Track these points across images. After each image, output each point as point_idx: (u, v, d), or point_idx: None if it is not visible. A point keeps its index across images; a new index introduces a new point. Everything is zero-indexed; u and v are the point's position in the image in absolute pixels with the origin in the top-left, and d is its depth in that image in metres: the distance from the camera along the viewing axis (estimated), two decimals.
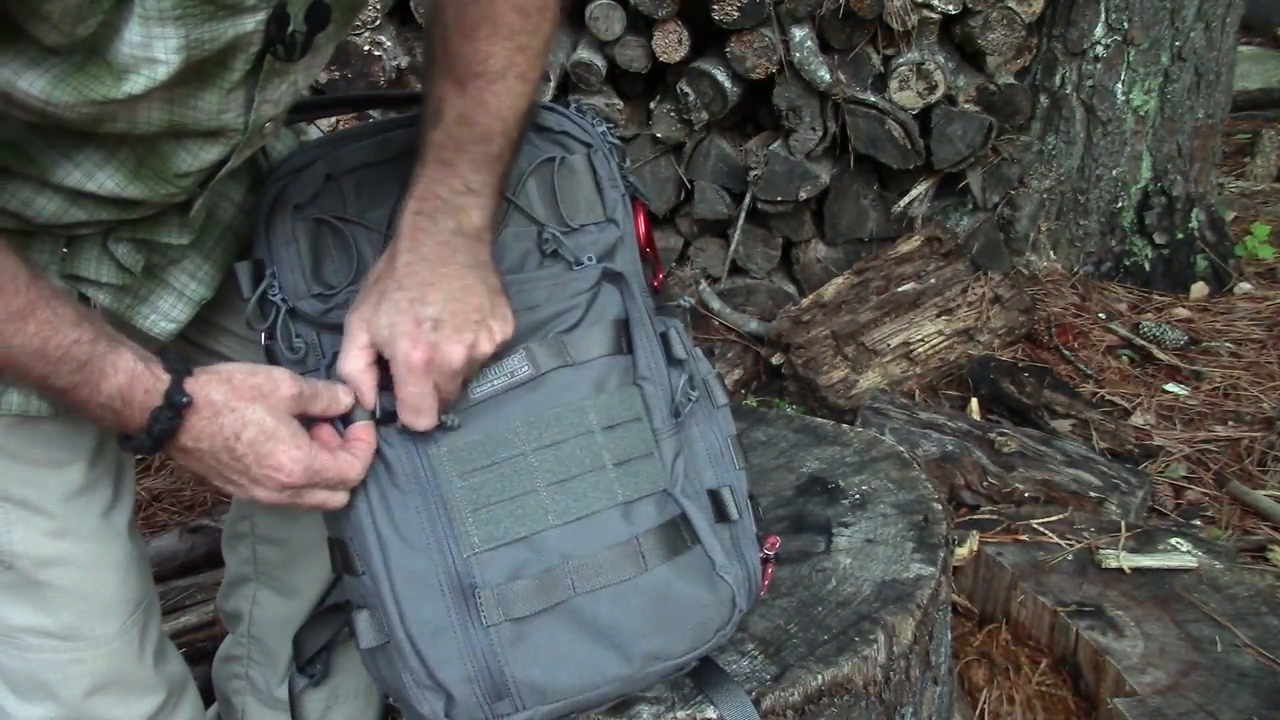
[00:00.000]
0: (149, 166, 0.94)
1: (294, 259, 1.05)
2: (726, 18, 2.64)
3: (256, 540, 1.36)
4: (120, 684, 1.16)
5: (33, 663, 1.12)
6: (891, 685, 1.15)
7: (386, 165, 1.08)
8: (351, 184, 1.07)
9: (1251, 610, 1.71)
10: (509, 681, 0.96)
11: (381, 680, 1.03)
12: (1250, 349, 2.91)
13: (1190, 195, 3.23)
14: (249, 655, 1.41)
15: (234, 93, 0.91)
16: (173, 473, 2.52)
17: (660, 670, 1.01)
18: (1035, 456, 2.27)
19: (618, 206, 1.11)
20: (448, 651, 0.96)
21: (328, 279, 1.05)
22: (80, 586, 1.10)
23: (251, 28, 0.85)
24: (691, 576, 1.01)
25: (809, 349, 2.70)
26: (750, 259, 3.04)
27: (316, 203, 1.06)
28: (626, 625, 0.98)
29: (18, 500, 1.05)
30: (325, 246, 1.06)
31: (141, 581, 1.17)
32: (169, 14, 0.78)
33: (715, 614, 1.02)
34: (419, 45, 2.72)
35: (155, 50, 0.80)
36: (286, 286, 1.04)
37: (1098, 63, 3.10)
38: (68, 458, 1.07)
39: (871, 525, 1.34)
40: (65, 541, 1.08)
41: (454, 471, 0.98)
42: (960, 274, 2.85)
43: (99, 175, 0.92)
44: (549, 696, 0.97)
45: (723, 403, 1.13)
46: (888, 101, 2.79)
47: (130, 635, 1.15)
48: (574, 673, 0.97)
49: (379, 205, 1.06)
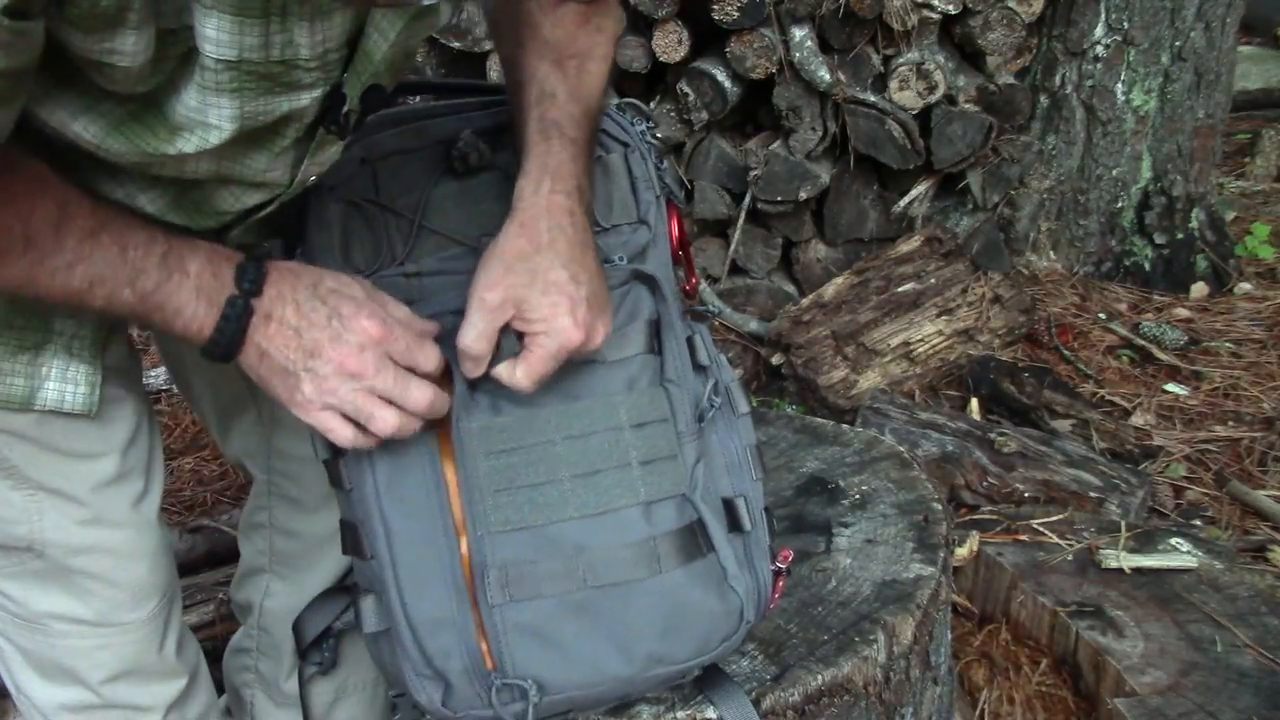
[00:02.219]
0: (190, 199, 0.95)
1: (327, 241, 1.04)
2: (726, 18, 2.64)
3: (273, 531, 1.36)
4: (144, 670, 1.18)
5: (60, 649, 1.14)
6: (891, 685, 1.15)
7: (421, 152, 1.08)
8: (386, 169, 1.07)
9: (1251, 610, 1.71)
10: (508, 671, 0.95)
11: (383, 666, 1.03)
12: (1250, 349, 2.91)
13: (1190, 195, 3.23)
14: (258, 648, 1.42)
15: (283, 156, 0.93)
16: (173, 473, 2.52)
17: (661, 675, 1.00)
18: (1035, 456, 2.27)
19: (651, 208, 1.10)
20: (448, 643, 0.96)
21: (355, 263, 1.04)
22: (112, 574, 1.12)
23: (307, 103, 0.87)
24: (703, 584, 1.00)
25: (809, 349, 2.70)
26: (750, 259, 3.04)
27: (349, 184, 1.06)
28: (633, 625, 0.98)
29: (50, 489, 1.07)
30: (354, 230, 1.05)
31: (168, 568, 1.19)
32: (225, 86, 0.80)
33: (723, 624, 1.01)
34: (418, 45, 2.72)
35: (210, 116, 0.82)
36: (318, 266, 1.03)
37: (1098, 63, 3.10)
38: (100, 449, 1.08)
39: (871, 525, 1.34)
40: (97, 529, 1.09)
41: (481, 449, 0.97)
42: (960, 274, 2.85)
43: (140, 198, 0.94)
44: (548, 689, 0.96)
45: (744, 411, 1.10)
46: (888, 101, 2.79)
47: (157, 622, 1.17)
48: (575, 667, 0.97)
49: (410, 192, 1.06)
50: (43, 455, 1.05)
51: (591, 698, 1.00)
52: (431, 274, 1.03)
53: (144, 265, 0.87)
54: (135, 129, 0.83)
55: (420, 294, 1.02)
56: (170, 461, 2.55)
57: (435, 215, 1.05)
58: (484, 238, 1.01)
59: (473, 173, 1.07)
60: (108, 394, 1.05)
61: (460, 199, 1.07)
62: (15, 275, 0.84)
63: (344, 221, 1.05)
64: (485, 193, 1.07)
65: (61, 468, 1.06)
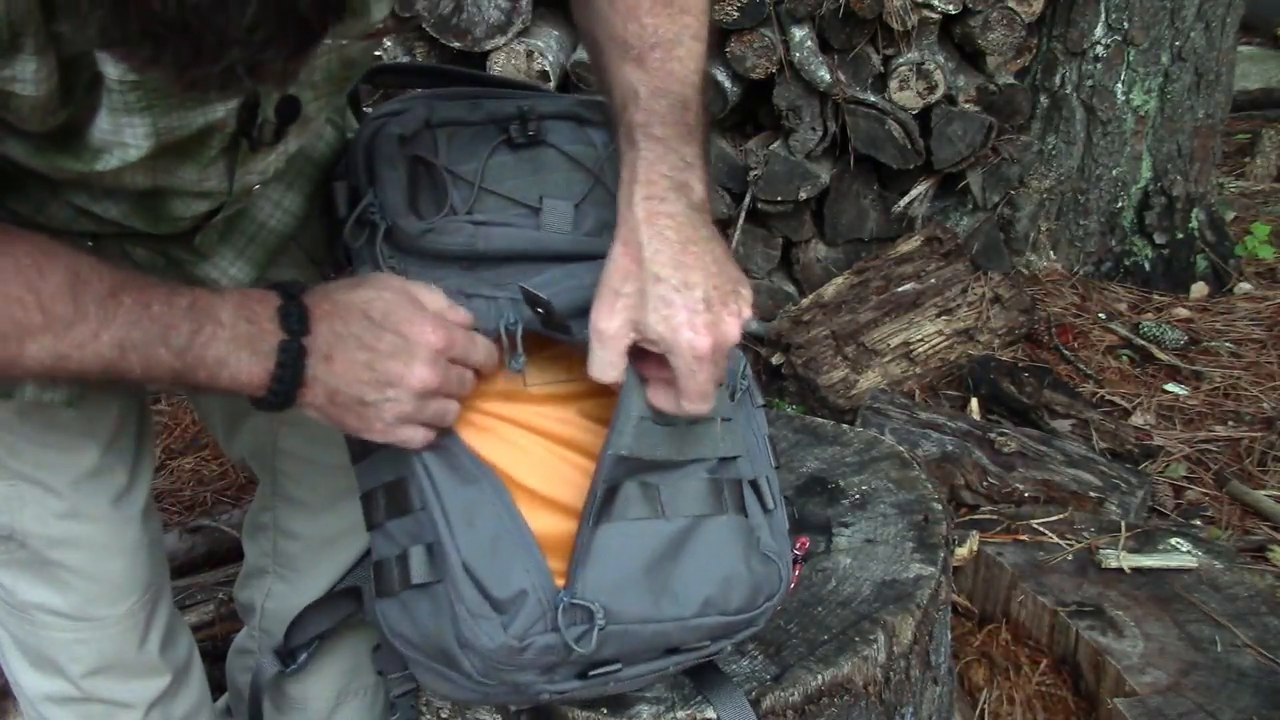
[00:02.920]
0: (145, 207, 0.94)
1: (395, 180, 1.03)
2: (726, 18, 2.64)
3: (278, 534, 1.36)
4: (123, 666, 1.18)
5: (43, 639, 1.14)
6: (891, 685, 1.15)
7: (477, 126, 1.09)
8: (445, 135, 1.07)
9: (1251, 610, 1.71)
10: (578, 592, 0.92)
11: (416, 639, 0.98)
12: (1250, 349, 2.91)
13: (1190, 195, 3.23)
14: (260, 648, 1.42)
15: (212, 166, 0.91)
16: (173, 473, 2.52)
17: (710, 624, 0.97)
18: (1035, 456, 2.27)
19: None
20: (508, 561, 0.92)
21: (420, 209, 1.04)
22: (88, 568, 1.12)
23: (222, 115, 0.85)
24: (748, 540, 1.00)
25: (809, 349, 2.70)
26: (750, 259, 3.04)
27: (413, 143, 1.06)
28: (693, 566, 0.96)
29: (31, 480, 1.07)
30: (420, 182, 1.05)
31: (151, 566, 1.18)
32: (135, 106, 0.78)
33: (765, 583, 0.99)
34: (419, 45, 2.72)
35: (125, 136, 0.80)
36: (387, 205, 1.02)
37: (1098, 63, 3.10)
38: (82, 442, 1.08)
39: (871, 525, 1.34)
40: (74, 523, 1.09)
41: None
42: (960, 274, 2.85)
43: (104, 202, 0.93)
44: (610, 618, 0.92)
45: (760, 403, 1.14)
46: (888, 101, 2.79)
47: (137, 619, 1.17)
48: (637, 599, 0.94)
49: (469, 160, 1.06)
50: (24, 446, 1.05)
51: (644, 640, 0.96)
52: (496, 224, 1.04)
53: (171, 320, 0.83)
54: (55, 154, 0.81)
55: (487, 241, 1.02)
56: (170, 461, 2.55)
57: (494, 180, 1.06)
58: (545, 198, 1.03)
59: (529, 145, 1.08)
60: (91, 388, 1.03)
61: (516, 168, 1.07)
62: (42, 354, 0.80)
63: (410, 171, 1.05)
64: (540, 164, 1.07)
65: (42, 459, 1.06)
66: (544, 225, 1.04)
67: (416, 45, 2.73)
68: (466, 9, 2.64)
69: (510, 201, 1.05)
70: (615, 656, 0.95)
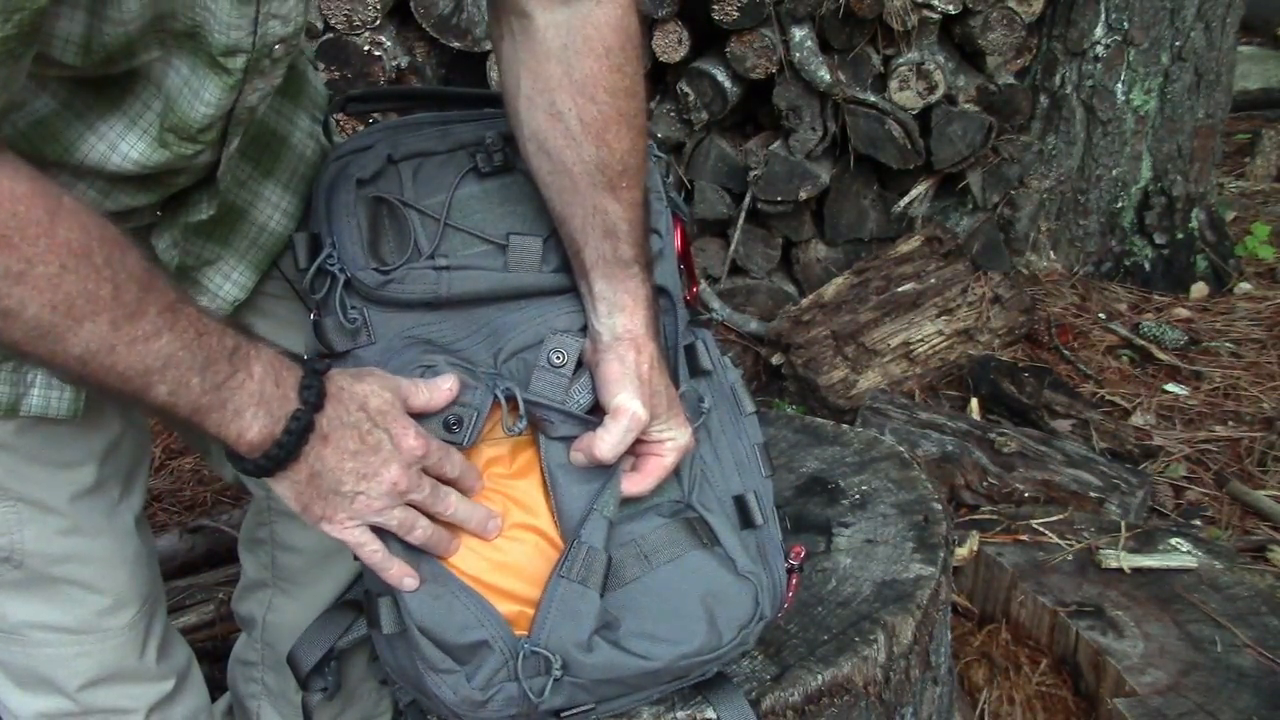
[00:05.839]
0: (168, 127, 0.91)
1: (353, 231, 1.03)
2: (726, 18, 2.64)
3: (275, 547, 1.36)
4: (123, 675, 1.17)
5: (36, 658, 1.13)
6: (891, 685, 1.15)
7: (445, 155, 1.08)
8: (410, 169, 1.07)
9: (1251, 610, 1.71)
10: (539, 640, 0.95)
11: (402, 672, 1.01)
12: (1250, 349, 2.91)
13: (1190, 195, 3.23)
14: (263, 661, 1.42)
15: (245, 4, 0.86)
16: (173, 473, 2.52)
17: (680, 667, 0.99)
18: (1035, 456, 2.27)
19: (661, 218, 1.11)
20: (464, 617, 0.95)
21: (383, 256, 1.04)
22: (93, 582, 1.12)
23: None
24: (718, 570, 1.01)
25: (809, 349, 2.70)
26: (750, 259, 3.04)
27: (376, 182, 1.06)
28: (655, 607, 0.99)
29: (30, 500, 1.06)
30: (382, 225, 1.05)
31: (149, 575, 1.19)
32: None
33: (740, 611, 1.01)
34: (419, 45, 2.72)
35: None
36: (345, 258, 1.03)
37: (1098, 63, 3.10)
38: (79, 458, 1.08)
39: (871, 525, 1.34)
40: (76, 539, 1.09)
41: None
42: (960, 274, 2.85)
43: (122, 146, 0.90)
44: (571, 671, 0.95)
45: (750, 410, 1.14)
46: (888, 101, 2.79)
47: (138, 628, 1.17)
48: (598, 648, 0.96)
49: (436, 193, 1.06)
50: (22, 465, 1.04)
51: (613, 688, 0.98)
52: (460, 268, 1.04)
53: (217, 355, 0.83)
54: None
55: (449, 286, 1.03)
56: (170, 461, 2.55)
57: (460, 215, 1.05)
58: (512, 235, 1.04)
59: (496, 173, 1.07)
60: (88, 402, 1.03)
61: (484, 200, 1.07)
62: (92, 338, 0.77)
63: (372, 216, 1.04)
64: (508, 194, 1.07)
65: (41, 477, 1.06)
66: (510, 264, 1.05)
67: (417, 45, 2.73)
68: (466, 9, 2.64)
69: (477, 238, 1.05)
70: (586, 701, 0.98)
